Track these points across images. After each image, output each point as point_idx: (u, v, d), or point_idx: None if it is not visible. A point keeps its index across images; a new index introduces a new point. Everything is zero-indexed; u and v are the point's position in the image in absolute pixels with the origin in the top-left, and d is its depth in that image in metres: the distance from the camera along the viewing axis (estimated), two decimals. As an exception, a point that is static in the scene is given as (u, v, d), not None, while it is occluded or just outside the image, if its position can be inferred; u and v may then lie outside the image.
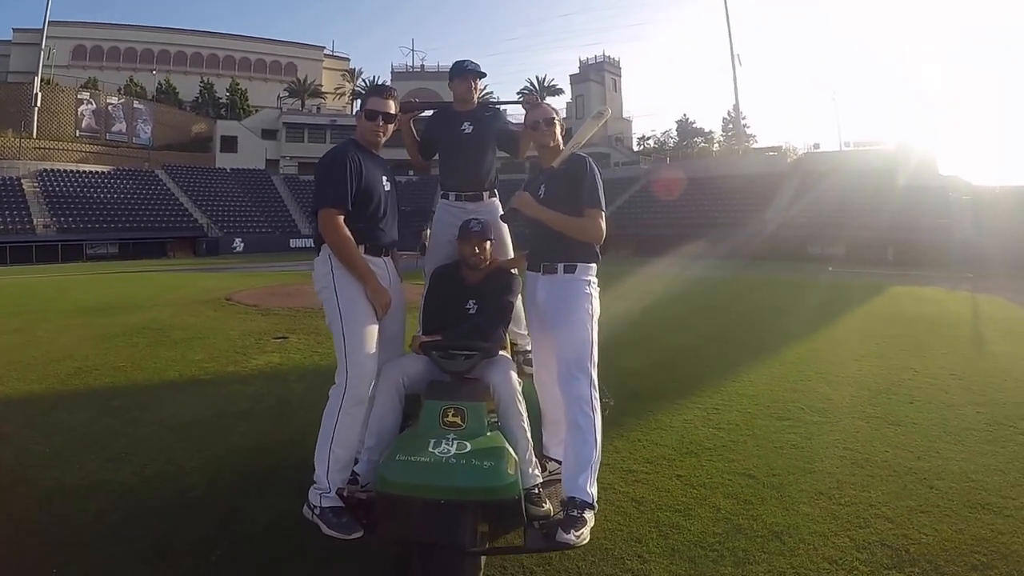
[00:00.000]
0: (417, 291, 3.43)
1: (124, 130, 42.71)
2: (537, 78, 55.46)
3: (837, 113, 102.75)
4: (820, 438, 4.27)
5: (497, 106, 3.57)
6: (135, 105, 44.15)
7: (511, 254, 3.42)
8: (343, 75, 62.10)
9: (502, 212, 3.16)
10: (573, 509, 2.55)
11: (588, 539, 2.51)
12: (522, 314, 3.34)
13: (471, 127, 3.36)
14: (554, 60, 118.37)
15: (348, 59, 66.03)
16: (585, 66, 54.58)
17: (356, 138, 2.95)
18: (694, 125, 58.10)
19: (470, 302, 3.09)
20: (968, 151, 78.73)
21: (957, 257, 21.18)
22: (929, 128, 78.32)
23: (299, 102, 53.86)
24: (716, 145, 54.21)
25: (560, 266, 2.90)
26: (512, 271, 3.23)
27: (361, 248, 2.76)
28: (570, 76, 55.80)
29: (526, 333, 3.41)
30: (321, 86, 58.39)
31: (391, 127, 2.95)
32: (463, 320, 3.03)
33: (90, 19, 56.96)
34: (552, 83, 55.53)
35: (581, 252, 2.91)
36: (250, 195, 42.16)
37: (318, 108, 54.14)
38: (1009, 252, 20.65)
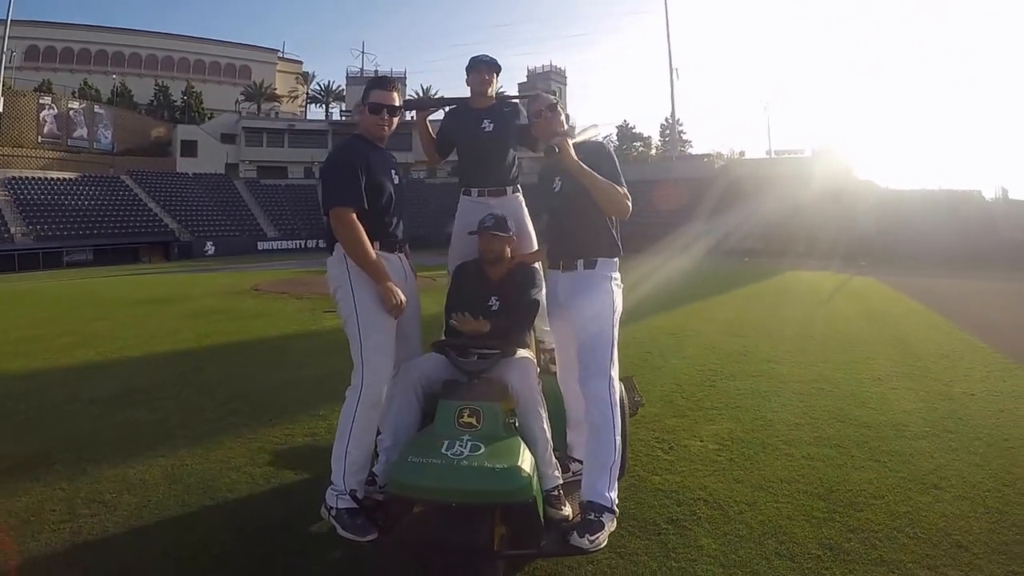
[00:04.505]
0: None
1: (85, 135, 42.67)
2: (489, 86, 57.88)
3: (768, 122, 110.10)
4: (691, 340, 7.75)
5: (516, 101, 3.63)
6: (96, 110, 44.24)
7: (535, 247, 3.43)
8: (296, 78, 63.32)
9: (544, 148, 2.90)
10: (591, 513, 2.56)
11: (605, 543, 2.55)
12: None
13: (491, 124, 3.36)
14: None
15: (301, 62, 67.03)
16: (533, 75, 57.75)
17: (360, 132, 2.91)
18: (634, 130, 61.72)
19: (492, 299, 3.08)
20: (886, 157, 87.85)
21: (857, 250, 25.09)
22: (850, 137, 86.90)
23: (255, 106, 55.08)
24: (654, 150, 58.14)
25: (579, 262, 2.86)
26: (535, 266, 3.24)
27: (376, 245, 2.74)
28: (518, 84, 58.76)
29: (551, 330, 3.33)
30: (276, 89, 59.59)
31: (396, 120, 2.93)
32: (485, 318, 2.99)
33: (42, 18, 54.89)
34: (501, 90, 58.08)
35: (601, 247, 2.88)
36: (214, 199, 43.27)
37: (276, 113, 55.47)
38: (905, 245, 24.99)
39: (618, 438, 2.70)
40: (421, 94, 38.78)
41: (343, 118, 54.81)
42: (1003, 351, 6.92)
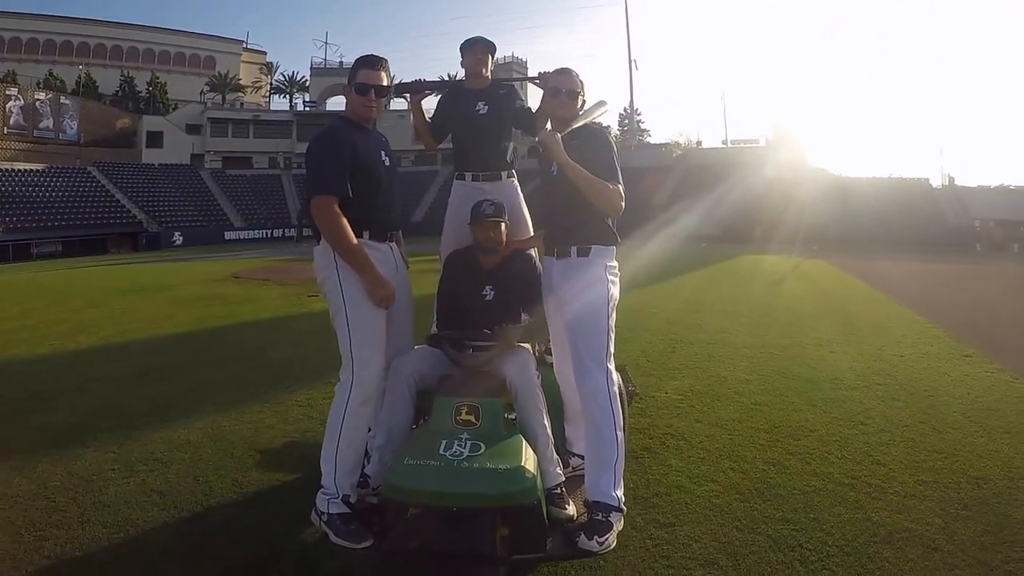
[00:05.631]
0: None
1: (51, 126, 41.77)
2: (448, 74, 57.91)
3: (724, 111, 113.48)
4: (654, 316, 8.56)
5: (512, 83, 3.51)
6: (62, 101, 43.29)
7: (531, 233, 3.32)
8: (260, 69, 62.63)
9: (535, 142, 2.80)
10: (597, 512, 2.47)
11: (614, 544, 2.46)
12: None
13: (486, 107, 3.26)
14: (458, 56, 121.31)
15: (265, 52, 66.22)
16: (495, 65, 57.63)
17: (346, 115, 2.78)
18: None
19: (486, 288, 2.95)
20: (839, 145, 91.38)
21: (810, 235, 26.51)
22: (803, 126, 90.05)
23: (220, 97, 54.47)
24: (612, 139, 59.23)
25: (573, 249, 2.74)
26: (530, 252, 3.12)
27: (365, 235, 2.63)
28: (480, 76, 58.80)
29: None
30: (240, 80, 58.90)
31: (383, 101, 2.80)
32: (479, 308, 2.90)
33: (7, 8, 53.67)
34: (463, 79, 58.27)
35: (596, 234, 2.74)
36: (180, 190, 42.96)
37: (241, 103, 54.99)
38: (855, 230, 26.55)
39: (619, 432, 2.60)
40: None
41: (307, 108, 54.54)
42: (934, 322, 7.84)
